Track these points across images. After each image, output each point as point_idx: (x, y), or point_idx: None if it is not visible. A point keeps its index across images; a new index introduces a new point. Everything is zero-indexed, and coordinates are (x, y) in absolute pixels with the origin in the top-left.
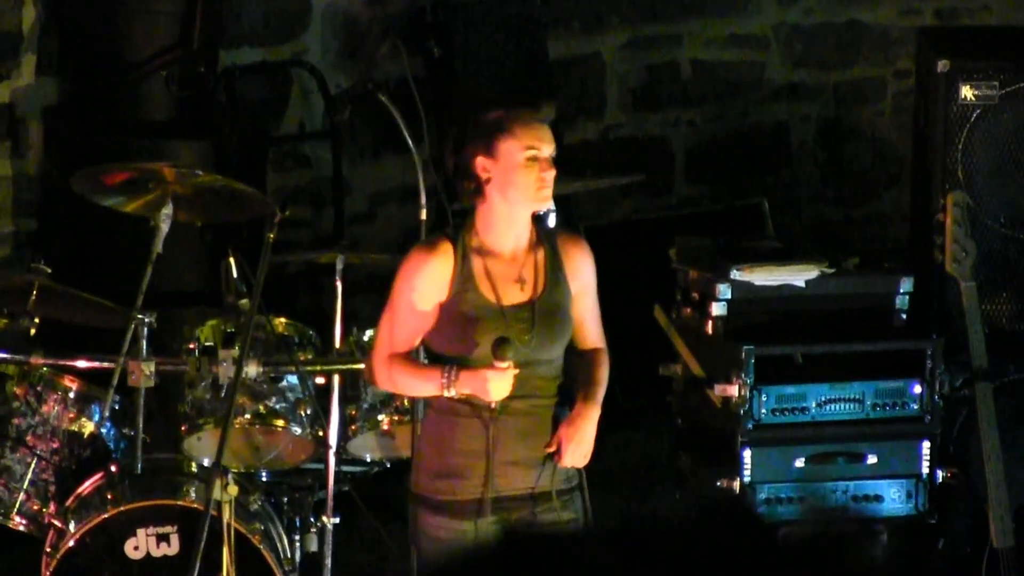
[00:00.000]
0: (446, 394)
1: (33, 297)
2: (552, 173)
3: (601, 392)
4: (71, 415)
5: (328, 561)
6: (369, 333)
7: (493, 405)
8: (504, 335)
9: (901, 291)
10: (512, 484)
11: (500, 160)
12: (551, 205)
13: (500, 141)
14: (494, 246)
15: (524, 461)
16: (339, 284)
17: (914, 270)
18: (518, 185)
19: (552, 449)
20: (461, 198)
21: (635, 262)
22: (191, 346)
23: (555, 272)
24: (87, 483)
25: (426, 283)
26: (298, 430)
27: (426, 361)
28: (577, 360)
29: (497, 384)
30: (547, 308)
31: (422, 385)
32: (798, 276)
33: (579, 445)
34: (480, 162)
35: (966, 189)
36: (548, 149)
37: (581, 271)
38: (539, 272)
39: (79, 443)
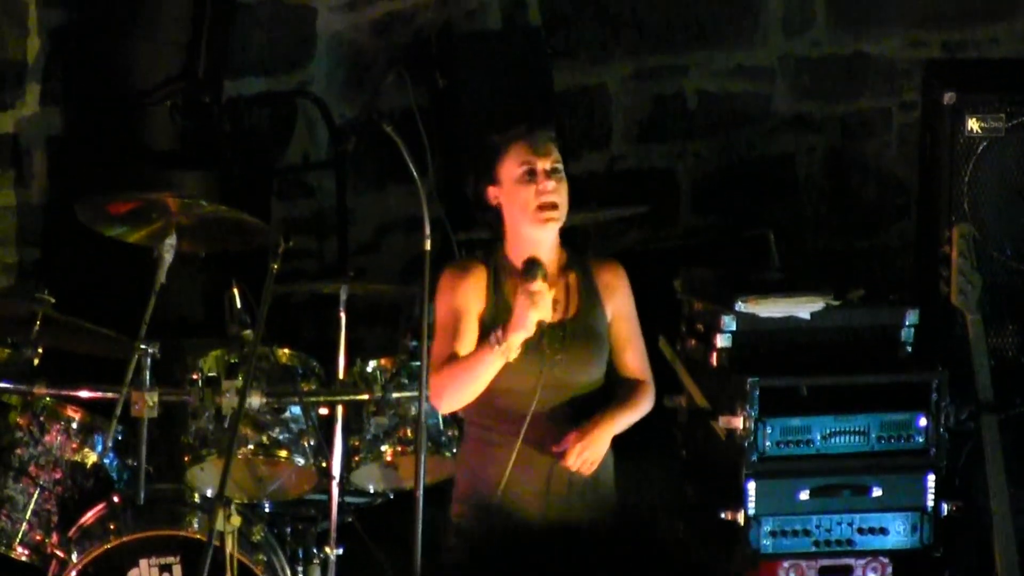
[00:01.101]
0: (503, 352)
1: (36, 327)
2: (551, 183)
3: (625, 415)
4: (74, 445)
5: None
6: (372, 364)
7: (545, 347)
8: (535, 256)
9: (906, 323)
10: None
11: (503, 183)
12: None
13: (499, 165)
14: (519, 269)
15: (550, 490)
16: (343, 315)
17: (920, 302)
18: (519, 202)
19: (559, 449)
20: (489, 230)
21: (640, 293)
22: (194, 376)
23: (589, 295)
24: (90, 513)
25: (463, 294)
26: (301, 461)
27: None
28: (617, 389)
29: (536, 307)
30: (580, 330)
31: (476, 366)
32: (803, 308)
33: (586, 449)
34: (491, 191)
35: (972, 221)
36: (544, 162)
37: (616, 296)
38: (572, 294)
39: (82, 473)
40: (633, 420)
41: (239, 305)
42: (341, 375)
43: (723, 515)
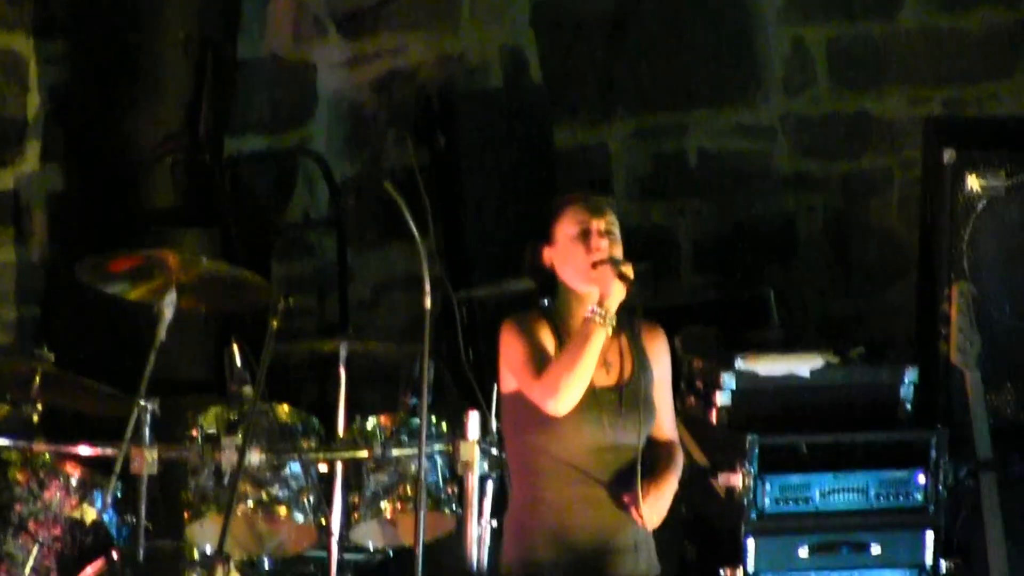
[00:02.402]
0: (605, 321)
1: (36, 384)
2: (604, 243)
3: (679, 472)
4: (73, 502)
5: None
6: (372, 421)
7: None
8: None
9: (906, 381)
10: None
11: (558, 244)
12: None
13: (556, 227)
14: (576, 329)
15: (600, 549)
16: (343, 372)
17: (919, 360)
18: (570, 261)
19: (630, 500)
20: (542, 295)
21: None
22: (194, 433)
23: (640, 358)
24: (89, 570)
25: (536, 331)
26: (301, 518)
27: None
28: (652, 450)
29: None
30: (634, 393)
31: (583, 344)
32: (803, 366)
33: (658, 501)
34: (546, 252)
35: (972, 280)
36: (599, 223)
37: (661, 360)
38: (624, 357)
39: (81, 530)
40: (678, 480)
41: (239, 362)
42: (341, 432)
43: (723, 572)
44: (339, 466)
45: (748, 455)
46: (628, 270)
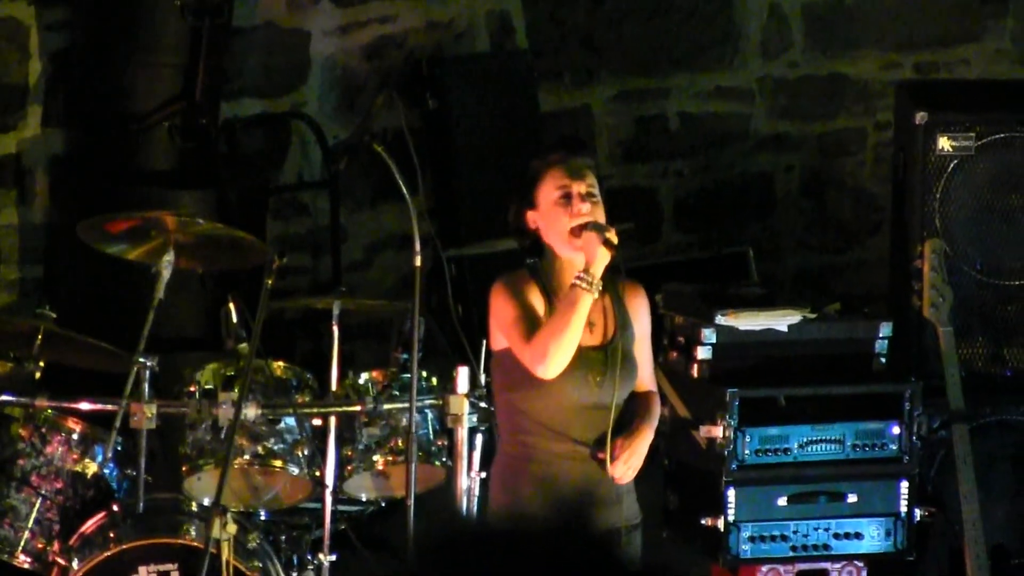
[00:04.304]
0: (591, 287)
1: (38, 341)
2: (586, 207)
3: (655, 423)
4: (75, 456)
5: None
6: (364, 376)
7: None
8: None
9: (880, 336)
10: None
11: (540, 207)
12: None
13: (537, 190)
14: (563, 290)
15: (585, 500)
16: (336, 329)
17: (893, 315)
18: (554, 226)
19: (603, 456)
20: (528, 256)
21: None
22: (192, 389)
23: (623, 317)
24: (90, 522)
25: (527, 293)
26: (295, 470)
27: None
28: (630, 402)
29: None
30: (619, 352)
31: (570, 310)
32: (781, 321)
33: (632, 457)
34: (530, 216)
35: (943, 237)
36: (580, 186)
37: (642, 316)
38: (608, 317)
39: (82, 483)
40: (653, 430)
41: (235, 320)
42: (334, 387)
43: (704, 521)
44: (332, 420)
45: (728, 408)
46: (612, 236)
